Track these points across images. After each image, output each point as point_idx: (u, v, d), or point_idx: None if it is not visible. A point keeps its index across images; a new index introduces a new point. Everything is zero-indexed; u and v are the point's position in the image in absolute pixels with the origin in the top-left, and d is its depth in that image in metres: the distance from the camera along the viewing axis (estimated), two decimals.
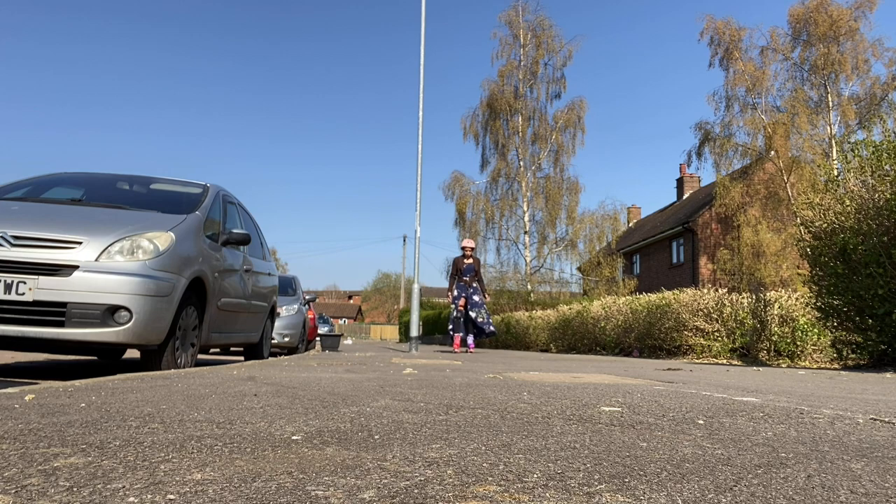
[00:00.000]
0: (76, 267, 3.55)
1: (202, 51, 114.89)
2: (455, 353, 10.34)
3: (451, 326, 11.26)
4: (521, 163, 26.40)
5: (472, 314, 11.04)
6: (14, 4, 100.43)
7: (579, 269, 27.38)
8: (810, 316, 7.77)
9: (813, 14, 22.23)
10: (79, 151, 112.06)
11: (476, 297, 11.14)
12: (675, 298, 9.96)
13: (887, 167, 5.88)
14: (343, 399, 2.27)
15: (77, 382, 2.64)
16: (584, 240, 25.84)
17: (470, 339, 11.09)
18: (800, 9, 22.74)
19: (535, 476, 1.10)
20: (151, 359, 4.02)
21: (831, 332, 6.88)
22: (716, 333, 9.10)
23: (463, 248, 11.49)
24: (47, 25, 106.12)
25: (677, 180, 32.84)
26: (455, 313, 11.14)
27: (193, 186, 5.31)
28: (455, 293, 11.21)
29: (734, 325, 8.97)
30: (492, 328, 11.12)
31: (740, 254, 21.86)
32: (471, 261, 11.34)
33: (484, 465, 1.19)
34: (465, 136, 27.78)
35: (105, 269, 3.61)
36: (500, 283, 26.51)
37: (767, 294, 8.67)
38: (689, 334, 9.39)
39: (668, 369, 5.28)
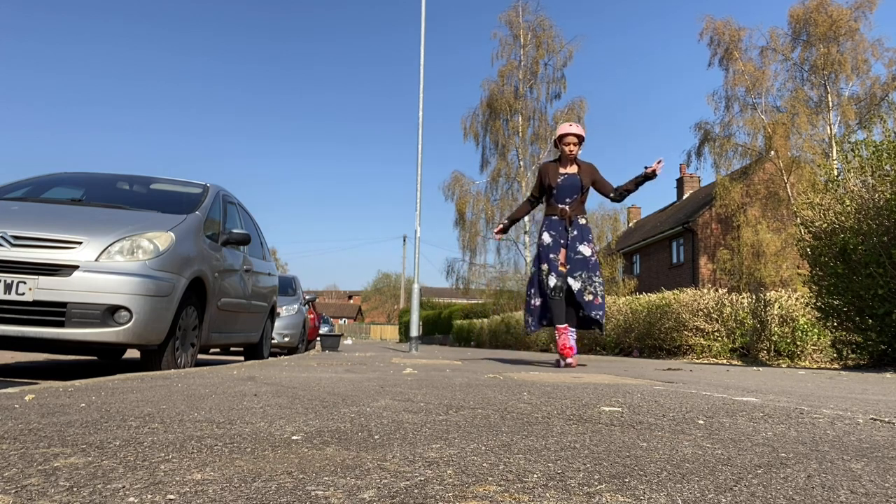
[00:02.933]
0: (76, 267, 3.55)
1: (202, 51, 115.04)
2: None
3: (531, 306, 5.44)
4: (521, 163, 26.40)
5: (576, 284, 5.25)
6: (14, 4, 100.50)
7: None
8: (810, 316, 7.77)
9: (813, 14, 22.22)
10: (79, 151, 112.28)
11: (584, 249, 5.33)
12: (675, 298, 9.96)
13: (887, 167, 5.88)
14: (343, 399, 2.27)
15: (77, 382, 2.64)
16: None
17: (571, 339, 5.27)
18: (800, 9, 22.74)
19: (535, 476, 1.10)
20: (151, 359, 4.02)
21: (831, 332, 6.88)
22: (716, 333, 9.10)
23: (561, 140, 5.45)
24: (47, 25, 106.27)
25: (677, 180, 32.88)
26: (534, 286, 5.48)
27: (193, 186, 5.31)
28: (543, 240, 5.43)
29: (734, 325, 8.97)
30: (601, 313, 5.26)
31: (740, 254, 21.86)
32: (574, 169, 5.45)
33: (484, 465, 1.19)
34: (466, 136, 27.80)
35: (105, 269, 3.61)
36: (501, 283, 26.56)
37: (767, 294, 8.67)
38: (689, 334, 9.39)
39: (668, 369, 5.28)
